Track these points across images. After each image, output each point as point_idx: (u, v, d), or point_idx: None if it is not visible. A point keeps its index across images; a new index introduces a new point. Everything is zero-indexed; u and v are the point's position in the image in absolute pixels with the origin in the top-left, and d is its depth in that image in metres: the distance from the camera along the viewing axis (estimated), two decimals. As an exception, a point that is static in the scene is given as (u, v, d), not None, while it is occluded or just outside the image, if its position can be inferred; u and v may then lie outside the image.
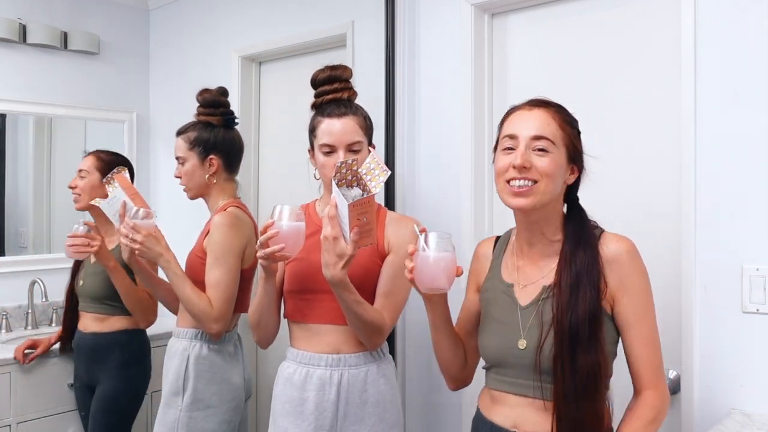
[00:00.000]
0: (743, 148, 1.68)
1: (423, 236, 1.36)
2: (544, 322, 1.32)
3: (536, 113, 1.36)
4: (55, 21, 3.21)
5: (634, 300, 1.32)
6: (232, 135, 2.19)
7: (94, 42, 3.31)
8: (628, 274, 1.32)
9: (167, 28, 3.47)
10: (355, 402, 1.68)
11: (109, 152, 2.60)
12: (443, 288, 1.38)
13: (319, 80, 1.81)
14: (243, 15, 3.04)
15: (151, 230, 1.99)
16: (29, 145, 3.24)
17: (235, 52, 3.05)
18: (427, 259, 1.34)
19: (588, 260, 1.32)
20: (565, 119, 1.38)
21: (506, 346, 1.37)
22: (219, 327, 1.97)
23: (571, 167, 1.38)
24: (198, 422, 1.99)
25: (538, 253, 1.41)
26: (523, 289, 1.40)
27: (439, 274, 1.35)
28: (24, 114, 3.17)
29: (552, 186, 1.33)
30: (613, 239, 1.36)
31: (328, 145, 1.72)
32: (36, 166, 3.26)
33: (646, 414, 1.30)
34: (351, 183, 1.49)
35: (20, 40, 3.09)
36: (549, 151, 1.33)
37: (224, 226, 2.01)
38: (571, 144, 1.36)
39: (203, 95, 2.17)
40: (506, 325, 1.38)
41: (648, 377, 1.32)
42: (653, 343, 1.33)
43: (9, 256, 3.12)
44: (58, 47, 3.21)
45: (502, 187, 1.36)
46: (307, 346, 1.73)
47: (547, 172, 1.32)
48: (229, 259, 2.00)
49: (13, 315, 3.02)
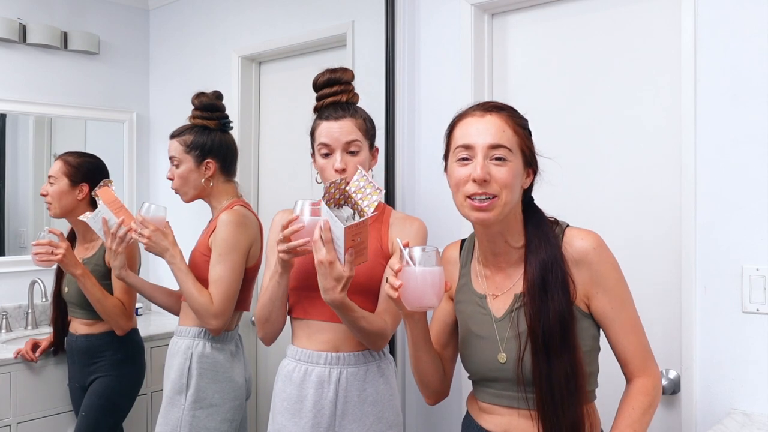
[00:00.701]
0: (743, 149, 1.68)
1: (407, 251, 1.29)
2: (521, 333, 1.30)
3: (489, 120, 1.31)
4: (55, 21, 3.21)
5: (609, 294, 1.31)
6: (227, 139, 2.20)
7: (94, 42, 3.31)
8: (599, 270, 1.31)
9: (167, 28, 3.47)
10: (353, 401, 1.69)
11: (78, 154, 2.51)
12: (432, 305, 1.30)
13: (319, 83, 1.81)
14: (243, 15, 3.04)
15: (161, 225, 2.02)
16: (29, 145, 3.24)
17: (235, 52, 3.05)
18: (414, 275, 1.27)
19: (550, 262, 1.30)
20: (517, 123, 1.34)
21: (487, 360, 1.36)
22: (218, 323, 1.98)
23: (526, 171, 1.35)
24: (201, 420, 2.00)
25: (503, 262, 1.38)
26: (496, 300, 1.38)
27: (428, 290, 1.27)
28: (24, 114, 3.17)
29: (512, 196, 1.29)
30: (577, 236, 1.33)
31: (325, 145, 1.72)
32: (36, 166, 3.26)
33: (641, 401, 1.30)
34: (339, 202, 1.47)
35: (20, 40, 3.09)
36: (507, 160, 1.29)
37: (231, 223, 2.02)
38: (526, 147, 1.34)
39: (200, 99, 2.17)
40: (485, 339, 1.37)
41: (636, 363, 1.32)
42: (636, 330, 1.33)
43: (9, 256, 3.12)
44: (58, 47, 3.21)
45: (462, 202, 1.31)
46: (307, 343, 1.73)
47: (506, 183, 1.28)
48: (234, 257, 2.00)
49: (13, 315, 3.02)
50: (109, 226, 2.12)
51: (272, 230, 1.81)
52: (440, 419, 2.29)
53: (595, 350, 1.36)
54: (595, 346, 1.35)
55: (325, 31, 2.67)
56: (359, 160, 1.72)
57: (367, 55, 2.49)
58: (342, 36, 2.61)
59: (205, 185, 2.13)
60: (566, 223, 1.38)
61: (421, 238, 1.75)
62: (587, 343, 1.33)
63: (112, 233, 2.10)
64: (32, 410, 2.59)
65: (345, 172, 1.69)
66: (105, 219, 2.13)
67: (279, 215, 1.83)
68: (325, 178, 1.73)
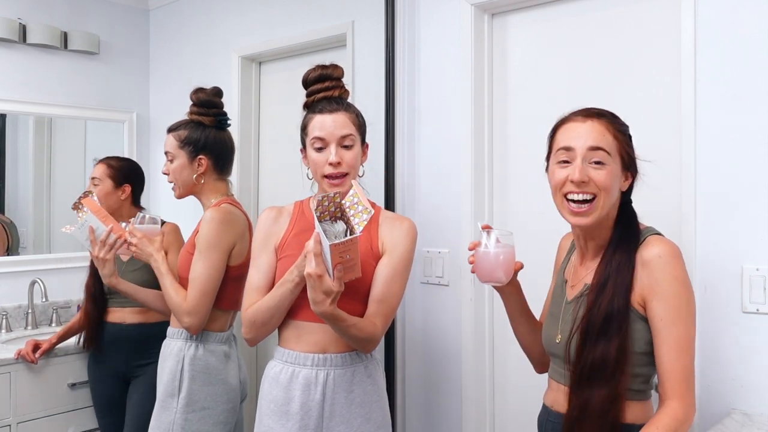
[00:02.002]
0: (743, 148, 1.68)
1: (485, 233, 1.46)
2: (577, 318, 1.38)
3: (590, 124, 1.38)
4: (55, 21, 3.21)
5: (663, 305, 1.31)
6: (223, 136, 2.19)
7: (94, 42, 3.31)
8: (658, 279, 1.32)
9: (167, 28, 3.47)
10: (341, 402, 1.67)
11: (117, 158, 2.69)
12: (500, 281, 1.48)
13: (310, 79, 1.80)
14: (243, 15, 3.04)
15: (151, 234, 2.12)
16: (29, 145, 3.24)
17: (235, 52, 3.05)
18: (487, 254, 1.45)
19: (620, 262, 1.35)
20: (618, 128, 1.40)
21: (550, 336, 1.48)
22: (191, 320, 1.98)
23: (625, 174, 1.41)
24: (193, 424, 1.99)
25: (591, 254, 1.46)
26: (573, 286, 1.47)
27: (497, 268, 1.45)
28: (24, 114, 3.17)
29: (610, 199, 1.37)
30: (653, 243, 1.36)
31: (319, 138, 1.70)
32: (36, 166, 3.25)
33: (667, 424, 1.27)
34: (335, 215, 1.47)
35: (20, 40, 3.09)
36: (605, 163, 1.36)
37: (214, 221, 2.01)
38: (625, 152, 1.40)
39: (197, 94, 2.17)
40: (554, 318, 1.49)
41: (672, 386, 1.29)
42: (681, 352, 1.30)
43: (9, 256, 3.12)
44: (58, 47, 3.21)
45: (560, 202, 1.41)
46: (294, 345, 1.71)
47: (604, 186, 1.35)
48: (213, 255, 2.00)
49: (13, 315, 3.02)
50: (97, 235, 2.19)
51: (258, 228, 1.80)
52: (441, 420, 2.29)
53: (649, 354, 1.35)
54: (649, 350, 1.35)
55: (325, 31, 2.67)
56: (353, 155, 1.71)
57: (367, 55, 2.49)
58: (342, 36, 2.61)
59: (196, 181, 2.13)
60: (656, 231, 1.41)
61: (411, 238, 1.74)
62: (640, 345, 1.34)
63: (100, 241, 2.17)
64: (32, 410, 2.59)
65: (340, 166, 1.68)
66: (92, 228, 2.19)
67: (266, 212, 1.81)
68: (318, 172, 1.72)
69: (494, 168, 2.26)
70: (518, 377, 2.18)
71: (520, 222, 2.17)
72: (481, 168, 2.24)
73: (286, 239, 1.75)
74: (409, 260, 1.73)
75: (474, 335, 2.21)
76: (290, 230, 1.76)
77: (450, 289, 2.27)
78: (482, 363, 2.23)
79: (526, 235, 2.15)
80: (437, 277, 2.29)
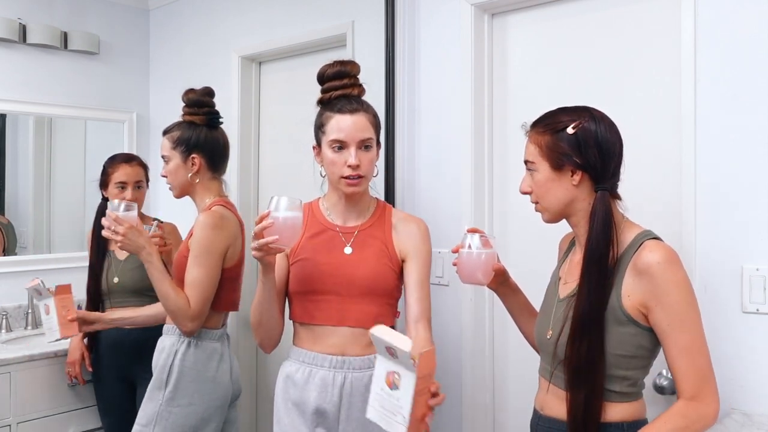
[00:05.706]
0: (743, 148, 1.68)
1: (469, 235, 1.54)
2: (568, 317, 1.38)
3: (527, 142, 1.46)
4: (55, 21, 3.21)
5: (667, 310, 1.30)
6: (215, 135, 2.19)
7: (94, 42, 3.31)
8: (660, 285, 1.30)
9: (167, 28, 3.47)
10: (357, 406, 1.65)
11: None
12: (480, 282, 1.55)
13: (327, 75, 1.76)
14: (243, 15, 3.04)
15: (133, 223, 2.00)
16: (29, 145, 3.24)
17: (235, 52, 3.05)
18: (470, 255, 1.53)
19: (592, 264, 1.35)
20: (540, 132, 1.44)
21: (541, 332, 1.49)
22: (194, 325, 1.99)
23: (564, 172, 1.39)
24: (178, 418, 1.99)
25: (579, 253, 1.46)
26: (565, 284, 1.48)
27: (477, 269, 1.53)
28: (24, 114, 3.17)
29: (548, 201, 1.42)
30: (648, 248, 1.33)
31: (338, 140, 1.68)
32: (36, 166, 3.25)
33: (675, 422, 1.28)
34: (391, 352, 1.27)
35: (20, 40, 3.09)
36: (535, 170, 1.42)
37: (207, 225, 2.01)
38: (551, 152, 1.42)
39: (188, 95, 2.18)
40: (545, 314, 1.50)
41: (686, 387, 1.29)
42: (691, 354, 1.30)
43: (9, 256, 3.12)
44: (58, 47, 3.21)
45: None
46: (312, 345, 1.70)
47: (537, 192, 1.43)
48: (209, 259, 2.00)
49: (13, 315, 3.02)
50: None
51: None
52: (441, 420, 2.29)
53: (638, 358, 1.36)
54: (639, 354, 1.35)
55: (325, 31, 2.67)
56: (371, 157, 1.70)
57: (367, 55, 2.49)
58: (342, 36, 2.61)
59: (191, 181, 2.13)
60: (653, 234, 1.38)
61: (428, 239, 1.77)
62: (627, 349, 1.34)
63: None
64: (32, 410, 2.59)
65: (359, 168, 1.67)
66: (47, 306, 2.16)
67: None
68: (335, 173, 1.69)
69: (494, 168, 2.26)
70: (518, 377, 2.18)
71: (520, 222, 2.17)
72: (481, 168, 2.24)
73: (299, 244, 1.73)
74: (430, 261, 1.78)
75: (474, 335, 2.21)
76: (302, 234, 1.73)
77: (450, 289, 2.28)
78: (482, 363, 2.23)
79: (526, 235, 2.16)
80: (437, 277, 2.29)
